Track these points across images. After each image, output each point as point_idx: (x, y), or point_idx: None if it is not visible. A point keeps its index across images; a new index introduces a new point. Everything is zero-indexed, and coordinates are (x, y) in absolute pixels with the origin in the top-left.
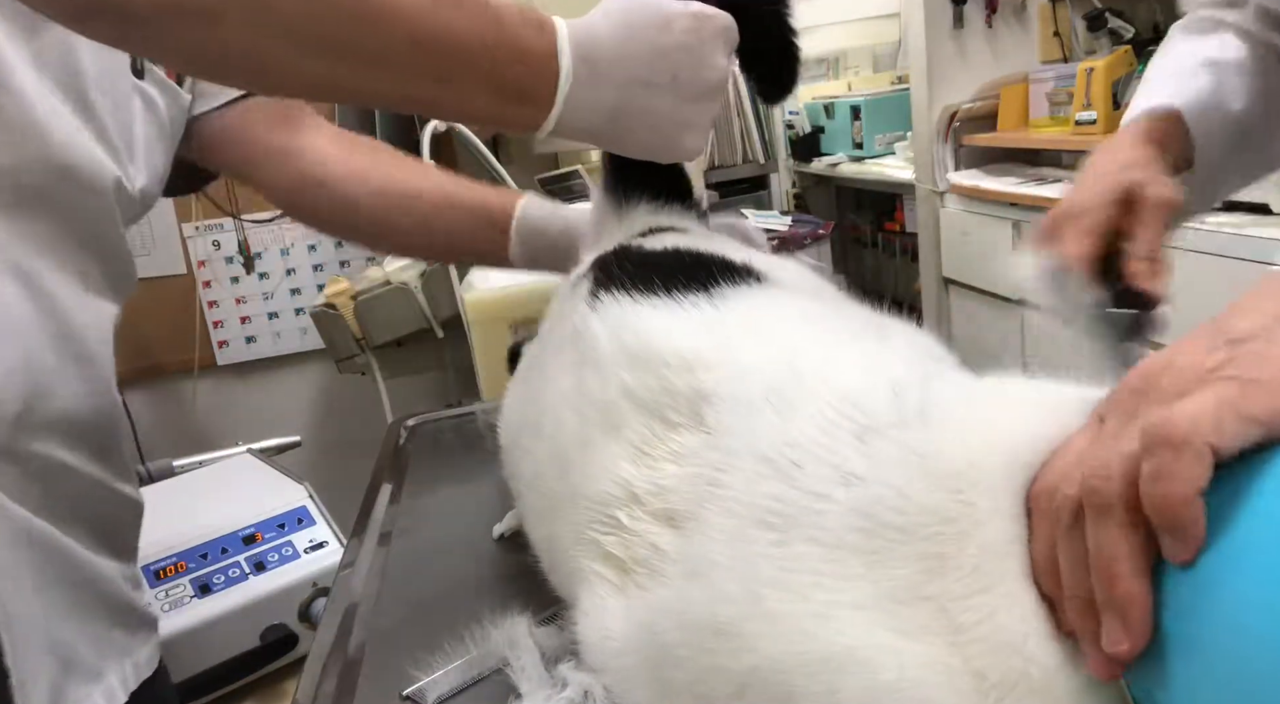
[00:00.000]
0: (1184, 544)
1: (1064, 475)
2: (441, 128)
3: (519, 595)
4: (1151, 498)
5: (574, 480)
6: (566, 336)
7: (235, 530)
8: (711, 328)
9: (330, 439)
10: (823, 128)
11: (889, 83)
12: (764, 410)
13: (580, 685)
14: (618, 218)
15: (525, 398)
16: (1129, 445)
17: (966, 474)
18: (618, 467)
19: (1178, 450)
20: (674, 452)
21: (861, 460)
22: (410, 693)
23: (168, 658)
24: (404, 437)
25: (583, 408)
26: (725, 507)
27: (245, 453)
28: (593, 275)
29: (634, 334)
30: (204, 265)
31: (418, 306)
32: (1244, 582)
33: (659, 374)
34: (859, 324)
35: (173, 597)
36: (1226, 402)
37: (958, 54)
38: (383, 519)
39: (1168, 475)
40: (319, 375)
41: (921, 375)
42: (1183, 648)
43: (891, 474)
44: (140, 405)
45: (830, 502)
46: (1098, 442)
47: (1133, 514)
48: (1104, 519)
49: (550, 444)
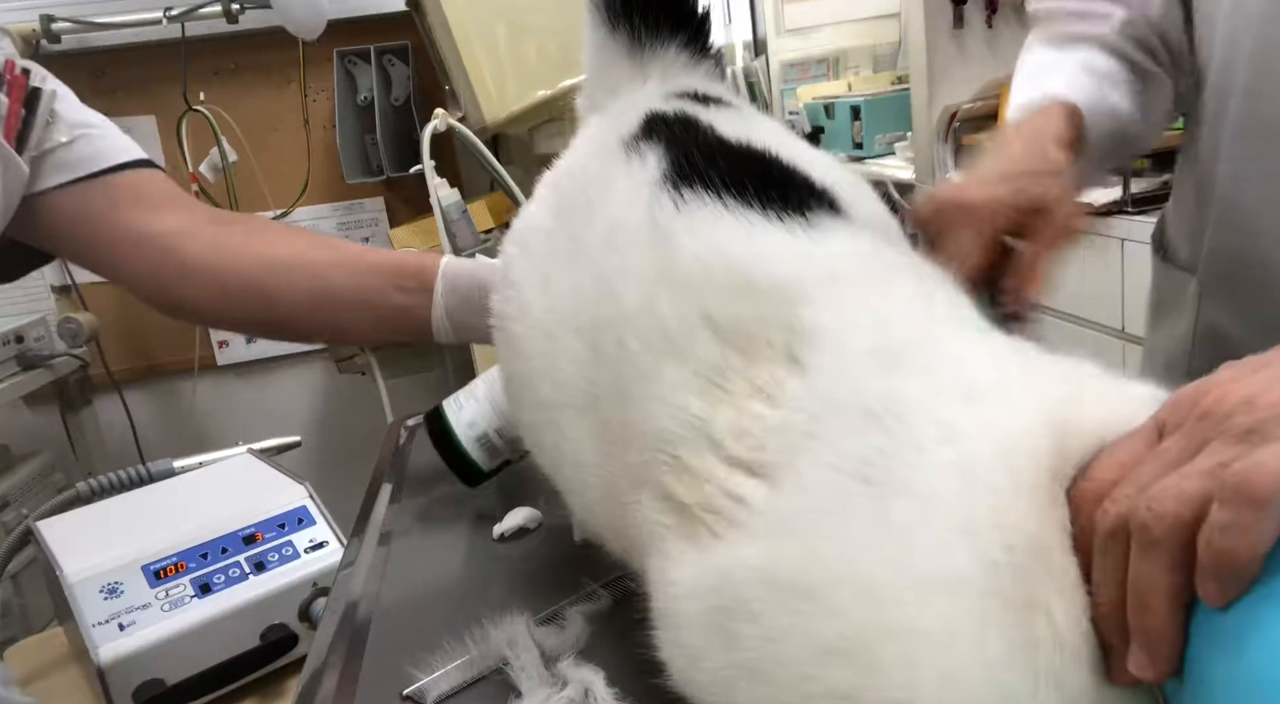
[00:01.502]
0: (1225, 593)
1: (1112, 485)
2: (442, 127)
3: (519, 595)
4: (1217, 550)
5: (634, 415)
6: (630, 225)
7: (235, 530)
8: (814, 259)
9: (330, 439)
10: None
11: (889, 83)
12: (868, 361)
13: (580, 684)
14: (634, 64)
15: (567, 295)
16: (1192, 485)
17: (1031, 448)
18: (689, 403)
19: (1257, 508)
20: (763, 392)
21: (968, 422)
22: (410, 693)
23: (168, 657)
24: (404, 437)
25: (651, 331)
26: (823, 459)
27: (245, 453)
28: (661, 152)
29: (730, 259)
30: None
31: None
32: (1269, 631)
33: (755, 304)
34: (938, 279)
35: (173, 597)
36: None
37: (958, 54)
38: (383, 519)
39: (1240, 531)
40: (319, 375)
41: (1012, 346)
42: (1204, 678)
43: (989, 437)
44: (140, 405)
45: (931, 456)
46: (1156, 462)
47: (1180, 553)
48: (1150, 553)
49: (611, 368)
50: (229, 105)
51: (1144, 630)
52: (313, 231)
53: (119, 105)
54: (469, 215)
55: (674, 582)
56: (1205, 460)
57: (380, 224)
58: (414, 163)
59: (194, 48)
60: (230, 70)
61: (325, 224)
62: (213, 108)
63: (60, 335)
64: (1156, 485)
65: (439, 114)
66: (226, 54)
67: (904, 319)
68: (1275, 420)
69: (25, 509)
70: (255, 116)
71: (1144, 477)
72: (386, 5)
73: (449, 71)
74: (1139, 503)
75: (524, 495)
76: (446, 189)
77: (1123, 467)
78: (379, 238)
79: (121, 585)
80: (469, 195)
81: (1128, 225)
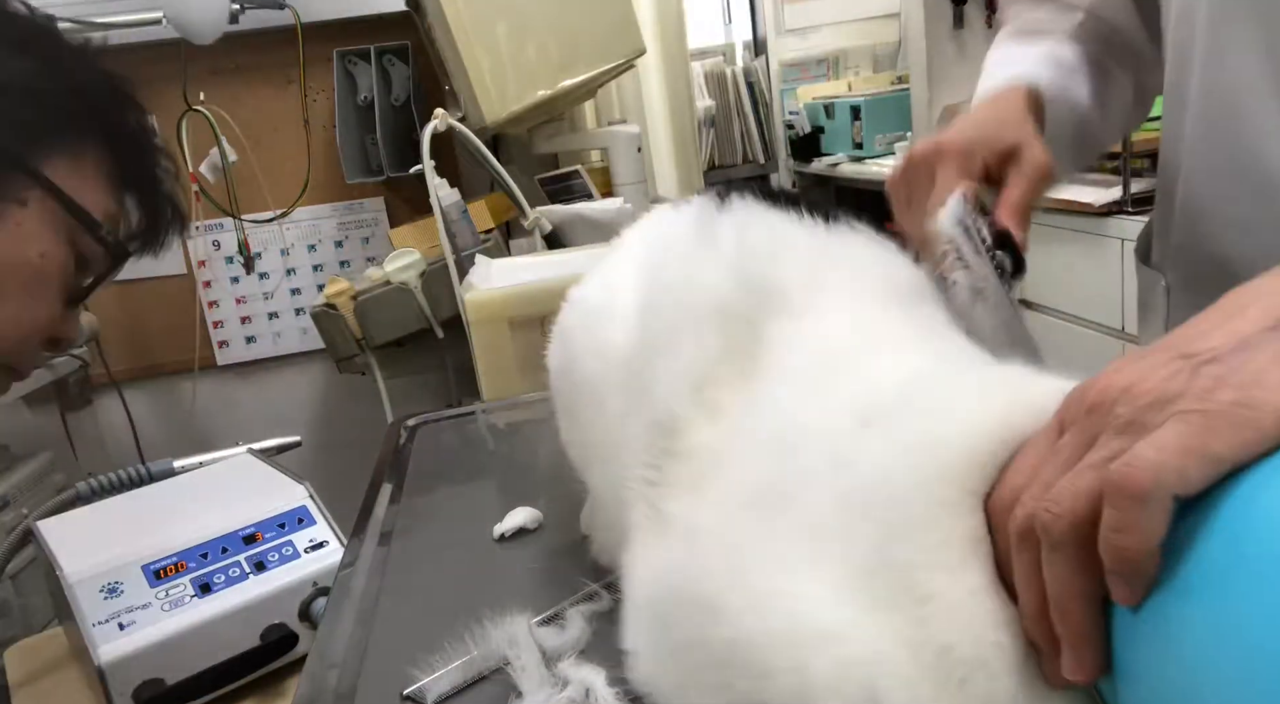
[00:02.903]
0: (1133, 591)
1: (1019, 489)
2: (442, 127)
3: (519, 595)
4: (1112, 548)
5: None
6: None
7: (235, 530)
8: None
9: (330, 439)
10: (823, 128)
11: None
12: (792, 385)
13: (581, 684)
14: None
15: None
16: (1083, 481)
17: (938, 463)
18: (675, 406)
19: (1141, 503)
20: (717, 409)
21: (854, 446)
22: (410, 693)
23: (168, 657)
24: (404, 437)
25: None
26: (725, 477)
27: (245, 453)
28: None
29: (753, 248)
30: (204, 265)
31: (418, 307)
32: (1188, 624)
33: (761, 304)
34: (903, 286)
35: (173, 596)
36: (1191, 446)
37: (958, 54)
38: (383, 519)
39: (1129, 528)
40: (319, 375)
41: (937, 362)
42: (1131, 674)
43: (877, 459)
44: (140, 405)
45: (819, 483)
46: (1054, 460)
47: (1083, 552)
48: (1057, 555)
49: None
50: (229, 105)
51: (1067, 634)
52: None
53: None
54: (469, 215)
55: (628, 573)
56: (1095, 454)
57: (380, 224)
58: (414, 163)
59: (194, 48)
60: (230, 70)
61: (325, 224)
62: (213, 108)
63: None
64: (1055, 486)
65: (439, 114)
66: (226, 54)
67: (842, 342)
68: (1150, 408)
69: (25, 509)
70: (255, 116)
71: (1045, 476)
72: (386, 5)
73: (449, 71)
74: (1041, 504)
75: (524, 495)
76: (446, 189)
77: (1032, 469)
78: (379, 238)
79: (121, 585)
80: (469, 195)
81: (1127, 225)
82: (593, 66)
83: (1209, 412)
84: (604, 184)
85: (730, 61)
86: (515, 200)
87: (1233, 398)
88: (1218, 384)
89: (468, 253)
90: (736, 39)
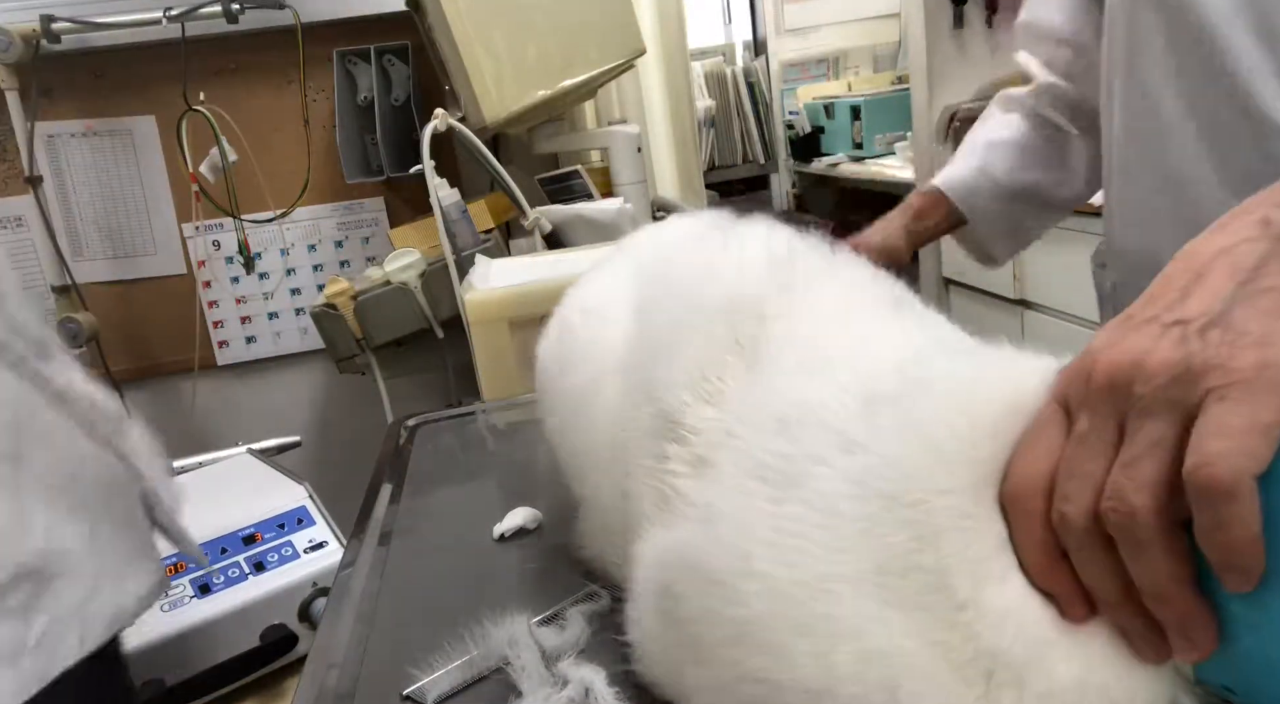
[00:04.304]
0: (1249, 578)
1: (1043, 479)
2: (442, 127)
3: (519, 595)
4: (1219, 546)
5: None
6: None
7: (235, 530)
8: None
9: (330, 439)
10: (823, 128)
11: (889, 83)
12: (794, 368)
13: (581, 683)
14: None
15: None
16: (1142, 474)
17: (945, 446)
18: (680, 393)
19: (1232, 498)
20: (719, 393)
21: (863, 428)
22: (410, 693)
23: (168, 657)
24: (404, 437)
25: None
26: (733, 458)
27: (245, 453)
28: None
29: (775, 251)
30: (204, 265)
31: (418, 306)
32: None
33: (773, 301)
34: (895, 296)
35: (172, 597)
36: (1249, 425)
37: (958, 54)
38: (383, 519)
39: (1228, 524)
40: (319, 375)
41: (937, 347)
42: (1245, 651)
43: (887, 443)
44: (140, 405)
45: (828, 466)
46: (1084, 449)
47: (1168, 539)
48: (1144, 553)
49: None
50: (229, 105)
51: (1173, 619)
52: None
53: (119, 105)
54: (469, 215)
55: (637, 561)
56: (1139, 440)
57: (380, 224)
58: (414, 163)
59: (194, 48)
60: (230, 70)
61: (325, 224)
62: (213, 108)
63: (60, 335)
64: (1109, 483)
65: (439, 114)
66: (226, 54)
67: (841, 327)
68: (1175, 383)
69: None
70: (255, 116)
71: (1083, 468)
72: (386, 5)
73: (449, 71)
74: (1106, 504)
75: (524, 496)
76: (446, 189)
77: (1050, 458)
78: (379, 238)
79: None
80: (469, 195)
81: None
82: (593, 67)
83: (1242, 383)
84: (604, 184)
85: (730, 61)
86: (515, 200)
87: (1254, 361)
88: (1231, 349)
89: (468, 253)
90: (736, 39)
